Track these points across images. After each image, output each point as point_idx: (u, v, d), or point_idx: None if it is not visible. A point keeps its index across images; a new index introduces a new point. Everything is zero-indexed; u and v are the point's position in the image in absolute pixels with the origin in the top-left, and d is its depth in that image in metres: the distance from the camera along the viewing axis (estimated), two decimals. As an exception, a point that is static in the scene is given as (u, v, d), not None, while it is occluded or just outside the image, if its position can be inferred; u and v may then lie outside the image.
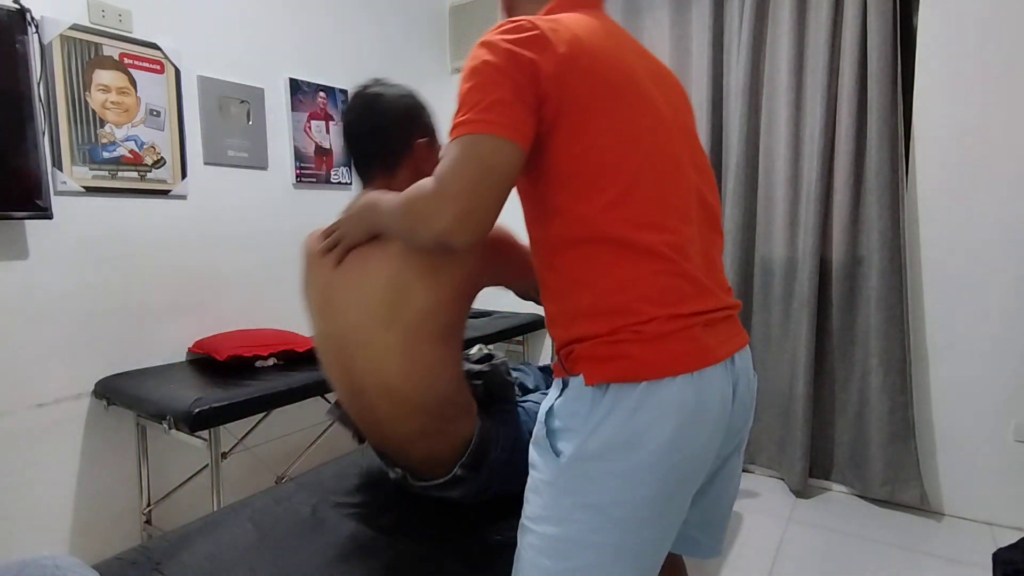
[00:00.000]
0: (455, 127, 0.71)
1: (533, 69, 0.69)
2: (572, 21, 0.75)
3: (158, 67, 1.84)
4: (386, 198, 0.88)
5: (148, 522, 1.86)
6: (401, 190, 0.84)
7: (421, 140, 1.03)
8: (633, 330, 0.70)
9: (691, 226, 0.76)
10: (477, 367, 1.15)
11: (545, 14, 0.79)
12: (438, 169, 0.71)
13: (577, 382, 0.73)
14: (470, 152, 0.69)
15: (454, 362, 1.00)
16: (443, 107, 3.36)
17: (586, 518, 0.70)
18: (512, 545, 0.99)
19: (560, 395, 0.76)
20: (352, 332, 0.98)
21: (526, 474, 0.82)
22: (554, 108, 0.71)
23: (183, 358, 1.95)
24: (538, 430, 0.78)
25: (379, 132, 1.01)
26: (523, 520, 0.78)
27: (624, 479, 0.69)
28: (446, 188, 0.70)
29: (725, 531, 0.92)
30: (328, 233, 1.00)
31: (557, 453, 0.73)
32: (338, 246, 0.98)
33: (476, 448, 1.03)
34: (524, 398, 1.24)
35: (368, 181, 1.05)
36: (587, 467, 0.71)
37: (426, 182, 0.73)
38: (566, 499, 0.72)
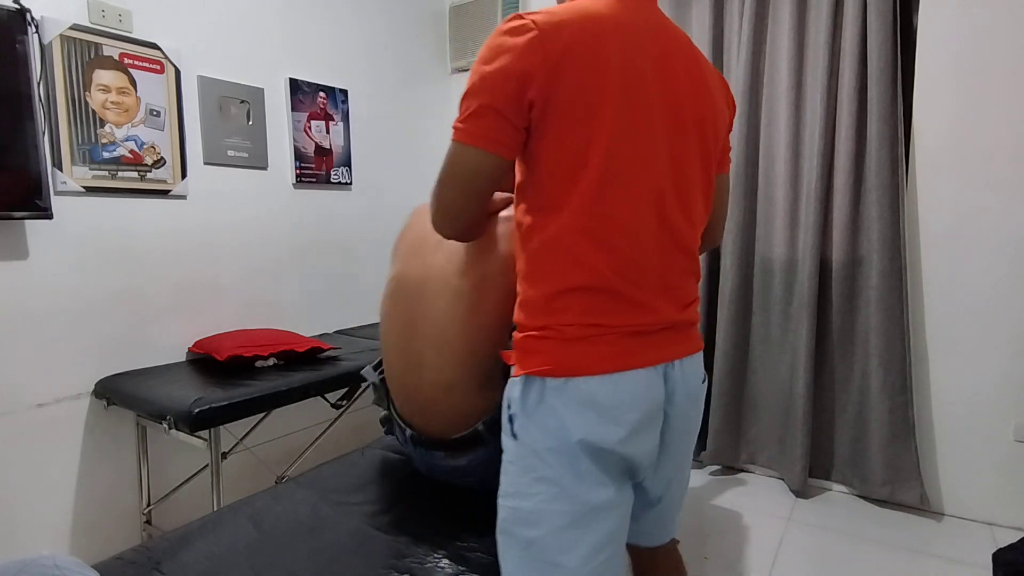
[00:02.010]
0: (453, 128, 0.78)
1: (520, 78, 0.72)
2: (573, 13, 0.74)
3: (158, 67, 1.84)
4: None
5: (148, 522, 1.86)
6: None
7: None
8: (557, 330, 0.78)
9: (640, 247, 0.79)
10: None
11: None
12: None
13: (523, 374, 0.81)
14: (451, 158, 0.79)
15: (500, 326, 1.07)
16: (443, 107, 3.33)
17: (542, 490, 0.78)
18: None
19: (511, 385, 0.84)
20: (431, 272, 1.10)
21: None
22: (538, 113, 0.75)
23: (183, 358, 1.95)
24: (502, 416, 0.84)
25: None
26: (498, 498, 0.85)
27: (563, 455, 0.77)
28: (434, 188, 0.83)
29: (671, 522, 1.00)
30: None
31: (514, 435, 0.81)
32: None
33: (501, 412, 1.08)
34: None
35: None
36: (534, 446, 0.79)
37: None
38: (525, 475, 0.80)
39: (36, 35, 1.56)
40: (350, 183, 2.54)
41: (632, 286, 0.78)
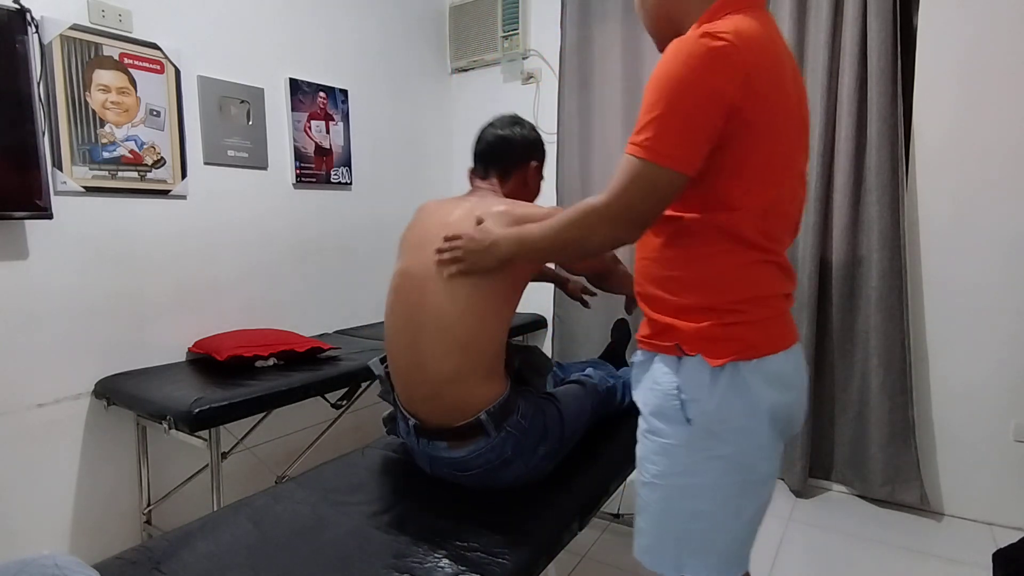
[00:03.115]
0: (637, 144, 0.80)
1: (719, 93, 0.76)
2: (750, 32, 0.78)
3: (158, 67, 1.84)
4: (531, 228, 1.00)
5: (148, 522, 1.86)
6: (507, 195, 1.26)
7: (534, 163, 1.37)
8: (741, 311, 0.86)
9: (792, 234, 0.94)
10: (518, 343, 1.26)
11: (710, 16, 0.82)
12: (613, 183, 0.82)
13: (695, 360, 0.86)
14: (641, 177, 0.80)
15: (500, 320, 1.16)
16: (443, 107, 3.32)
17: (716, 466, 0.87)
18: (512, 545, 0.99)
19: (678, 372, 0.89)
20: (432, 267, 1.15)
21: (528, 461, 1.15)
22: (731, 127, 0.79)
23: (183, 358, 1.95)
24: (664, 403, 0.90)
25: (512, 142, 1.31)
26: (649, 480, 0.93)
27: (744, 433, 0.87)
28: (617, 202, 0.83)
29: None
30: (450, 240, 1.12)
31: (688, 420, 0.88)
32: (455, 263, 1.11)
33: (505, 402, 1.15)
34: (559, 386, 1.41)
35: (481, 177, 1.33)
36: (714, 428, 0.86)
37: (593, 200, 0.86)
38: (698, 455, 0.88)
39: (36, 35, 1.56)
40: (350, 183, 2.54)
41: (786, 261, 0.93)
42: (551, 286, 2.04)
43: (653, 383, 0.92)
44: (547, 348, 2.86)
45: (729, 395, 0.85)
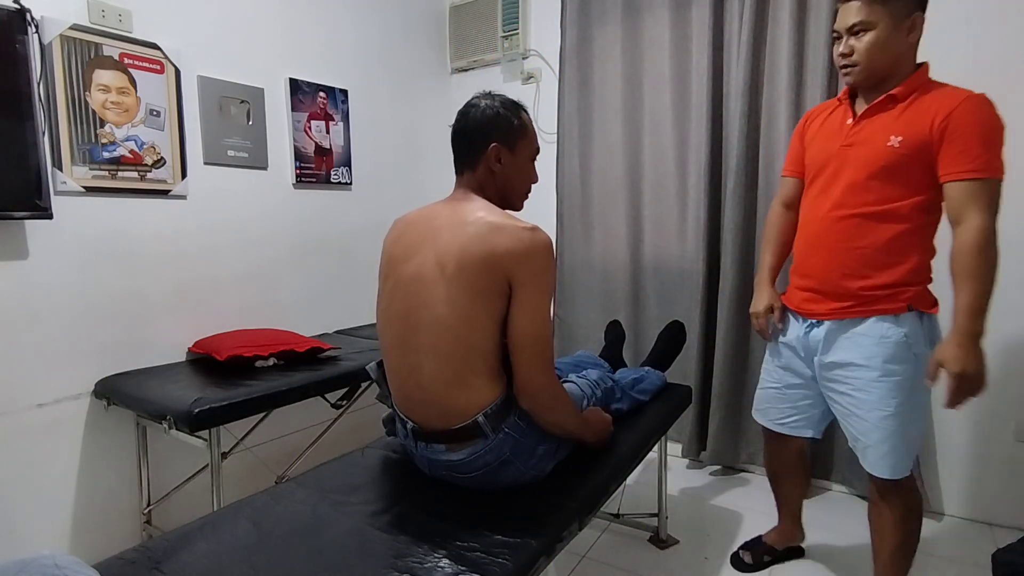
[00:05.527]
0: (994, 169, 1.22)
1: None
2: None
3: (158, 67, 1.84)
4: (967, 299, 1.29)
5: (148, 522, 1.86)
6: (479, 187, 1.23)
7: (495, 144, 1.22)
8: (926, 284, 1.33)
9: None
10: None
11: (919, 77, 1.36)
12: (981, 205, 1.25)
13: (912, 314, 1.30)
14: (998, 192, 1.24)
15: (496, 321, 1.13)
16: (443, 105, 3.31)
17: (926, 385, 1.27)
18: (512, 545, 0.99)
19: (900, 324, 1.30)
20: (425, 272, 1.16)
21: (527, 462, 1.17)
22: None
23: (183, 358, 1.95)
24: (897, 350, 1.29)
25: (467, 131, 1.24)
26: (892, 412, 1.30)
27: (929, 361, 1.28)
28: (993, 216, 1.25)
29: None
30: (958, 397, 1.23)
31: (915, 356, 1.29)
32: (971, 395, 1.24)
33: (502, 404, 1.15)
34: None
35: (459, 175, 1.28)
36: (924, 359, 1.27)
37: (980, 230, 1.27)
38: (918, 380, 1.29)
39: (36, 35, 1.56)
40: (350, 183, 2.54)
41: None
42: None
43: (880, 338, 1.30)
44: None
45: (934, 333, 1.30)
